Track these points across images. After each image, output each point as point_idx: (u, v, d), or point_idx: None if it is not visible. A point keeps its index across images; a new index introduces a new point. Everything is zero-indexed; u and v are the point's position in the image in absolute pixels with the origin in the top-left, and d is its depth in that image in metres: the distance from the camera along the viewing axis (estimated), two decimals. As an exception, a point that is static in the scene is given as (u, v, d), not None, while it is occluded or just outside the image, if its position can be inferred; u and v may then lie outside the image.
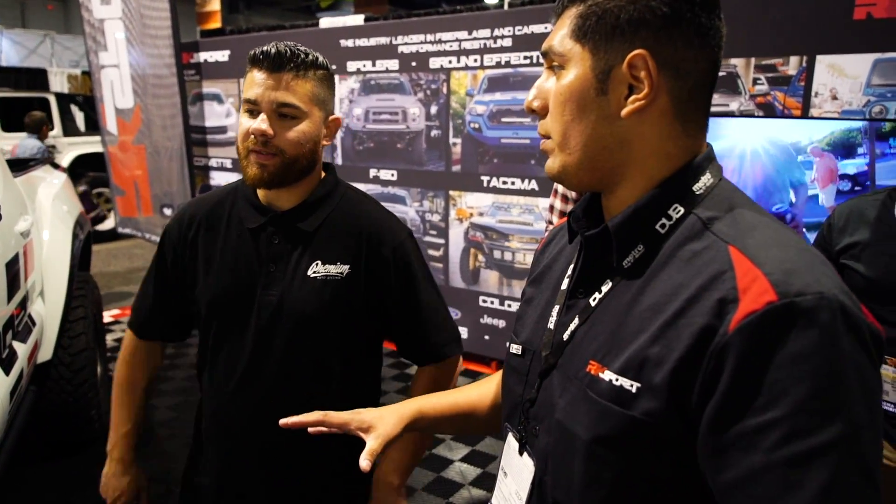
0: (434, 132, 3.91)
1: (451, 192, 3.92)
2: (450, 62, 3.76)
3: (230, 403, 1.24)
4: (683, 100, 0.68)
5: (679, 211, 0.68)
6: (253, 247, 1.23)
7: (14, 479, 2.74)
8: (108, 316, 5.01)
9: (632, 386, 0.63)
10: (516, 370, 0.82)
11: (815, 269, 0.59)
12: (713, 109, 2.90)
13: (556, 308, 0.78)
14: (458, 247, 3.97)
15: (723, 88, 2.92)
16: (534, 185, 3.57)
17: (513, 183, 3.65)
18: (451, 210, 3.94)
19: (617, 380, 0.65)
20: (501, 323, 3.85)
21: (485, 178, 3.76)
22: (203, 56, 4.90)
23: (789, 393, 0.55)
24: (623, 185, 0.72)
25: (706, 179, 0.70)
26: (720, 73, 2.86)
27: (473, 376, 3.89)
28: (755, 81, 2.87)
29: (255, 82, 1.15)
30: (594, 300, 0.72)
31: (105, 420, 3.08)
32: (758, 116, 2.81)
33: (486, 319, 3.91)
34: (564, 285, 0.79)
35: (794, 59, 2.76)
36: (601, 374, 0.66)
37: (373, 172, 4.18)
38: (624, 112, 0.68)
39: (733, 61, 2.89)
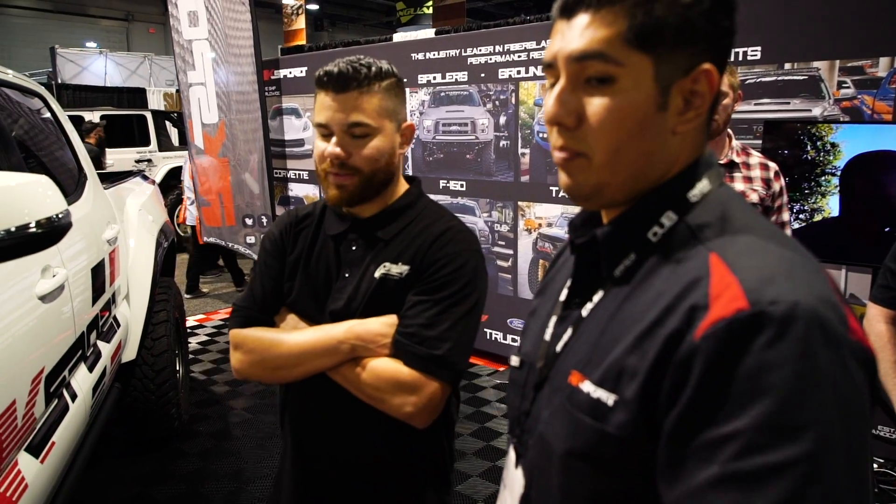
0: (503, 143, 3.91)
1: (520, 203, 3.90)
2: (518, 72, 3.76)
3: (309, 401, 1.27)
4: (711, 111, 0.66)
5: (672, 218, 0.65)
6: (333, 253, 1.25)
7: (98, 472, 2.93)
8: (192, 320, 5.28)
9: (608, 398, 0.61)
10: (515, 382, 0.80)
11: (795, 278, 0.55)
12: (795, 115, 2.77)
13: (553, 319, 0.76)
14: (526, 258, 3.94)
15: (804, 93, 2.78)
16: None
17: (581, 193, 3.60)
18: (520, 221, 3.93)
19: (595, 391, 0.62)
20: (569, 335, 3.79)
21: (553, 189, 3.72)
22: (283, 72, 5.11)
23: (752, 405, 0.51)
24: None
25: (702, 186, 0.66)
26: (800, 77, 2.72)
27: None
28: (840, 85, 2.71)
29: (324, 105, 1.18)
30: (585, 310, 0.70)
31: (184, 419, 3.25)
32: (844, 122, 2.65)
33: (554, 331, 3.86)
34: (563, 296, 0.76)
35: (883, 61, 2.59)
36: (581, 385, 0.64)
37: (442, 183, 4.22)
38: (680, 129, 0.64)
39: (816, 64, 2.75)
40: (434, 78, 4.14)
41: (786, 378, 0.50)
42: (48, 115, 2.52)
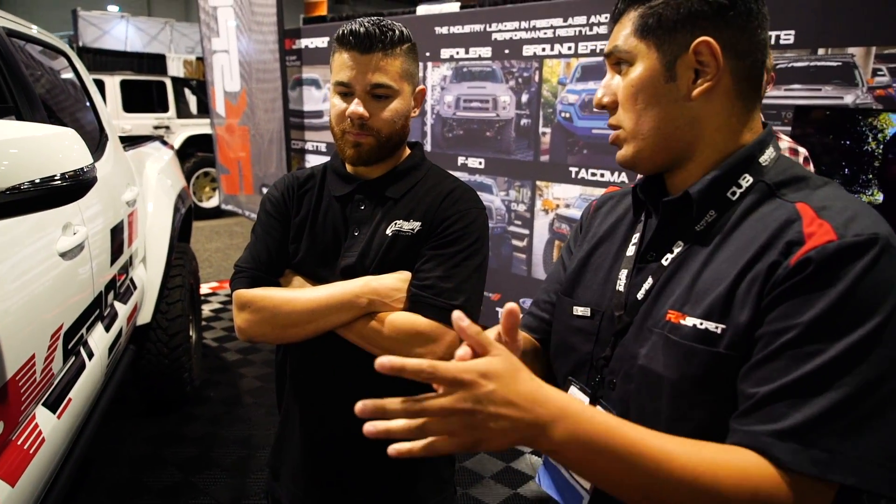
0: (524, 121, 3.86)
1: (539, 183, 3.87)
2: (543, 50, 3.70)
3: (314, 362, 1.27)
4: (743, 79, 0.77)
5: (748, 180, 0.78)
6: (340, 213, 1.26)
7: (110, 431, 2.97)
8: (206, 287, 5.32)
9: (716, 328, 0.72)
10: (582, 330, 0.89)
11: (871, 217, 0.70)
12: (827, 103, 2.71)
13: (625, 272, 0.86)
14: (542, 238, 3.91)
15: (836, 79, 2.71)
16: (623, 177, 3.46)
17: (602, 175, 3.55)
18: (538, 200, 3.89)
19: (701, 324, 0.73)
20: (583, 318, 3.77)
21: (573, 170, 3.67)
22: (304, 42, 5.06)
23: (823, 306, 0.65)
24: (692, 161, 0.80)
25: (770, 153, 0.80)
26: (833, 63, 2.65)
27: (551, 370, 3.84)
28: (875, 73, 2.64)
29: (346, 64, 1.17)
30: (666, 261, 0.81)
31: (196, 384, 3.28)
32: (877, 109, 2.58)
33: (567, 313, 3.84)
34: (630, 251, 0.87)
35: (922, 49, 2.51)
36: (682, 322, 0.74)
37: (461, 160, 4.19)
38: (694, 93, 0.76)
39: (850, 50, 2.68)
40: (457, 53, 4.09)
41: (858, 286, 0.65)
42: (71, 74, 2.52)
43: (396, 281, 1.19)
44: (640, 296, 0.82)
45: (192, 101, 8.94)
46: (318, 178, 1.32)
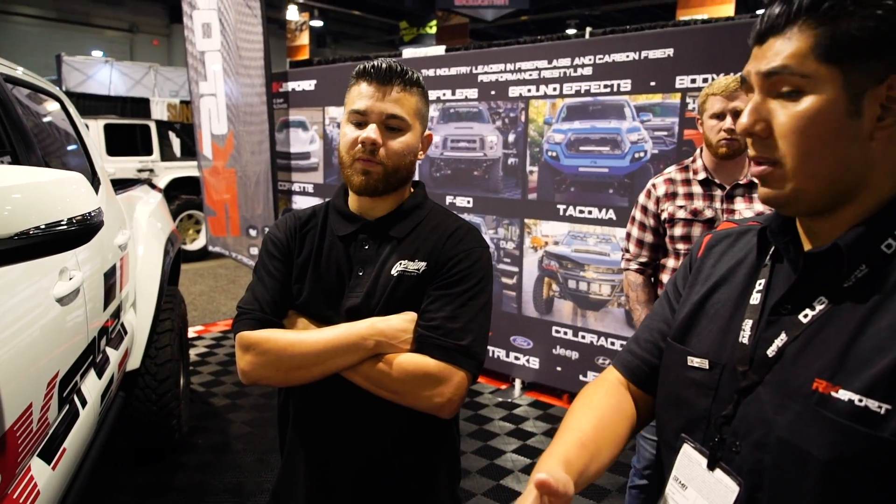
0: (511, 160, 3.92)
1: (527, 221, 3.90)
2: (528, 91, 3.78)
3: (318, 404, 1.25)
4: None
5: None
6: (344, 253, 1.25)
7: (96, 482, 2.87)
8: (191, 332, 5.24)
9: (880, 408, 0.63)
10: (700, 384, 0.81)
11: None
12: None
13: (749, 322, 0.78)
14: (531, 275, 3.93)
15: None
16: (611, 214, 3.51)
17: (590, 212, 3.60)
18: (527, 238, 3.92)
19: (861, 400, 0.64)
20: (574, 354, 3.77)
21: (561, 207, 3.72)
22: (291, 85, 5.13)
23: None
24: (850, 206, 0.71)
25: None
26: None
27: (544, 408, 3.81)
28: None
29: (364, 94, 1.19)
30: (805, 317, 0.72)
31: (184, 431, 3.20)
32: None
33: (559, 350, 3.84)
34: (755, 300, 0.78)
35: None
36: (835, 394, 0.66)
37: (449, 199, 4.22)
38: (878, 134, 0.67)
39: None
40: (444, 94, 4.16)
41: None
42: (65, 118, 2.52)
43: (403, 322, 1.18)
44: (770, 352, 0.74)
45: (176, 143, 8.95)
46: (320, 218, 1.31)
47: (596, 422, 0.88)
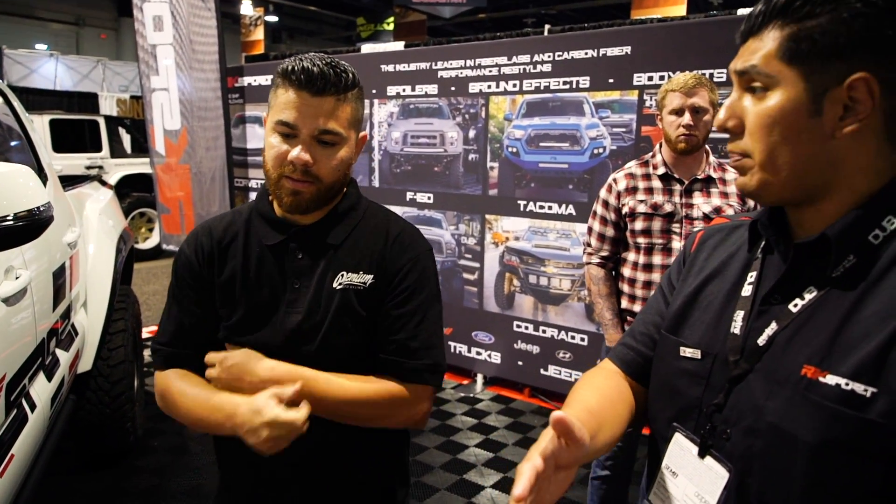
0: (472, 156, 3.92)
1: (488, 216, 3.92)
2: (489, 87, 3.79)
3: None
4: (894, 117, 0.69)
5: (894, 223, 0.70)
6: (275, 265, 1.15)
7: (48, 489, 2.77)
8: (145, 332, 5.10)
9: (866, 391, 0.64)
10: (692, 373, 0.82)
11: None
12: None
13: (741, 313, 0.79)
14: (493, 271, 3.95)
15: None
16: (571, 209, 3.55)
17: (550, 207, 3.63)
18: (487, 234, 3.93)
19: (847, 384, 0.66)
20: (535, 349, 3.80)
21: (521, 203, 3.74)
22: (247, 80, 5.03)
23: None
24: (827, 200, 0.73)
25: None
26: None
27: (506, 402, 3.84)
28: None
29: (292, 104, 1.06)
30: (795, 307, 0.74)
31: (139, 434, 3.11)
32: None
33: (520, 345, 3.86)
34: (747, 291, 0.80)
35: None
36: (822, 379, 0.68)
37: (409, 195, 4.20)
38: (839, 133, 0.69)
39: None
40: (403, 90, 4.14)
41: None
42: (7, 112, 2.41)
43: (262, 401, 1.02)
44: (761, 341, 0.75)
45: (126, 140, 8.69)
46: (241, 227, 1.19)
47: (600, 397, 0.89)
